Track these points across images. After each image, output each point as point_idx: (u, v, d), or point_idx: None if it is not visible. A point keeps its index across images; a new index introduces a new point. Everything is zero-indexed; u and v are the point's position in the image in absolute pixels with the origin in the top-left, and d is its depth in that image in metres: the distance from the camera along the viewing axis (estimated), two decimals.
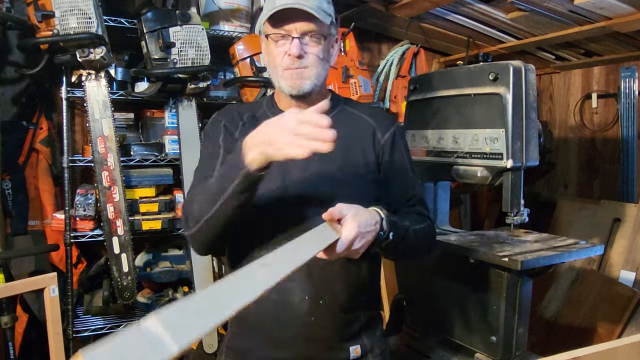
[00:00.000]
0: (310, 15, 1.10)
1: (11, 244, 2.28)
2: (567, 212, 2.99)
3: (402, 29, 2.94)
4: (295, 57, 1.12)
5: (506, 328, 1.61)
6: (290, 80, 1.14)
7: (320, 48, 1.15)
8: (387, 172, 1.22)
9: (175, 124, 2.42)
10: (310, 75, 1.15)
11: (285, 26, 1.12)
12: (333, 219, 0.97)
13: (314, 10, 1.10)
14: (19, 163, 2.34)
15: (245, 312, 1.18)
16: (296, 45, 1.11)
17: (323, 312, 1.15)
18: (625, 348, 0.85)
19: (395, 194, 1.23)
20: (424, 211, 1.25)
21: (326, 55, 1.18)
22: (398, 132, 1.26)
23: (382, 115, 1.32)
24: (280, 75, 1.16)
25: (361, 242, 0.98)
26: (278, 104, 1.26)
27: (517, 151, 1.57)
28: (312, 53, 1.14)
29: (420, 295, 1.94)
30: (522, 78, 1.57)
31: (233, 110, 1.27)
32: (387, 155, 1.23)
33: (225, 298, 0.71)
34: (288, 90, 1.16)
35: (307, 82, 1.15)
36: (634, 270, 2.50)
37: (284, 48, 1.13)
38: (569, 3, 2.22)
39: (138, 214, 2.31)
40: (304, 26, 1.11)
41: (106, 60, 2.10)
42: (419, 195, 1.26)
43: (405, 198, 1.24)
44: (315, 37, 1.13)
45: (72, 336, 2.23)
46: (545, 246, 1.64)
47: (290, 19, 1.11)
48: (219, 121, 1.24)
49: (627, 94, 2.83)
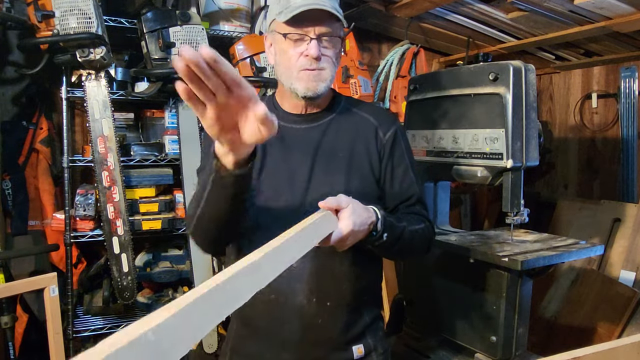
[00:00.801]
0: (327, 17, 1.10)
1: (11, 244, 2.28)
2: (567, 212, 2.99)
3: (402, 29, 2.94)
4: (313, 59, 1.11)
5: (506, 328, 1.61)
6: (307, 82, 1.13)
7: (335, 51, 1.15)
8: (387, 170, 1.22)
9: (175, 124, 2.42)
10: (326, 77, 1.14)
11: (304, 27, 1.11)
12: (330, 208, 0.97)
13: (334, 11, 1.10)
14: (19, 163, 2.34)
15: (252, 315, 1.20)
16: (315, 46, 1.10)
17: (330, 313, 1.15)
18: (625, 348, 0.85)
19: (395, 192, 1.23)
20: (423, 211, 1.25)
21: (338, 57, 1.18)
22: (400, 131, 1.26)
23: (384, 114, 1.32)
24: (295, 76, 1.14)
25: (352, 239, 0.99)
26: (281, 104, 1.25)
27: (517, 151, 1.57)
28: (327, 55, 1.13)
29: (420, 295, 1.94)
30: (522, 78, 1.57)
31: None
32: (388, 154, 1.23)
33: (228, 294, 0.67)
34: (303, 92, 1.14)
35: (322, 85, 1.14)
36: (634, 270, 2.50)
37: (301, 49, 1.12)
38: (569, 3, 2.22)
39: (138, 214, 2.31)
40: (322, 28, 1.11)
41: (106, 60, 2.10)
42: (419, 195, 1.25)
43: (404, 197, 1.23)
44: (331, 39, 1.13)
45: (72, 336, 2.23)
46: (545, 246, 1.64)
47: (309, 20, 1.10)
48: None
49: (627, 94, 2.83)
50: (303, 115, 1.22)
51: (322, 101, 1.23)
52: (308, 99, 1.17)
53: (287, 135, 1.20)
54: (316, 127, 1.21)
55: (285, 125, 1.22)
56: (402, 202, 1.23)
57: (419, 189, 1.26)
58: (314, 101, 1.19)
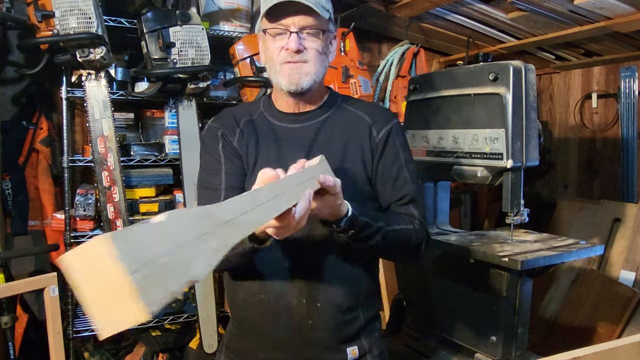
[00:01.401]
0: (308, 9, 1.08)
1: (11, 244, 2.28)
2: (567, 212, 2.99)
3: (402, 29, 2.94)
4: (293, 52, 1.10)
5: (506, 328, 1.61)
6: (289, 75, 1.12)
7: (320, 43, 1.12)
8: (379, 169, 1.20)
9: (175, 124, 2.42)
10: (309, 71, 1.12)
11: (283, 21, 1.10)
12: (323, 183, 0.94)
13: (312, 4, 1.08)
14: (19, 163, 2.34)
15: (244, 313, 1.20)
16: (294, 39, 1.09)
17: (321, 314, 1.14)
18: (625, 348, 0.85)
19: (387, 192, 1.20)
20: (414, 212, 1.19)
21: (325, 50, 1.15)
22: (395, 128, 1.22)
23: (380, 111, 1.27)
24: (279, 70, 1.13)
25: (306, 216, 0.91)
26: (275, 103, 1.24)
27: (517, 151, 1.57)
28: (311, 47, 1.11)
29: (420, 295, 1.94)
30: (522, 78, 1.57)
31: (229, 115, 1.25)
32: (380, 152, 1.20)
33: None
34: (286, 86, 1.13)
35: (306, 79, 1.12)
36: (634, 270, 2.50)
37: (282, 43, 1.11)
38: (569, 3, 2.22)
39: (138, 214, 2.32)
40: (302, 20, 1.09)
41: (106, 60, 2.10)
42: (413, 195, 1.20)
43: (396, 197, 1.20)
44: (314, 32, 1.11)
45: (72, 336, 2.23)
46: (545, 246, 1.64)
47: (288, 14, 1.09)
48: (216, 129, 1.22)
49: (627, 94, 2.83)
50: (296, 114, 1.21)
51: (314, 99, 1.21)
52: (294, 94, 1.15)
53: (281, 134, 1.20)
54: (310, 126, 1.20)
55: (279, 125, 1.21)
56: (395, 202, 1.20)
57: (414, 188, 1.21)
58: (302, 97, 1.17)
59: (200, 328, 2.35)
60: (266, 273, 1.16)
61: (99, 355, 2.38)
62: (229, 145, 1.20)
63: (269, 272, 1.15)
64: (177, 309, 2.41)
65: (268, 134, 1.20)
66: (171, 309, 2.40)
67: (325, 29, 1.14)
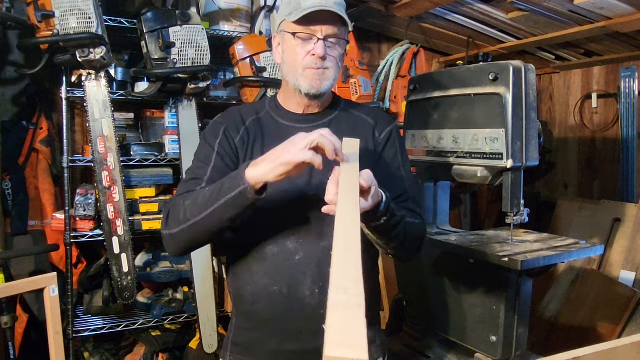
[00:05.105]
0: (335, 20, 1.16)
1: (11, 244, 2.28)
2: (567, 212, 2.99)
3: (402, 29, 2.94)
4: (319, 58, 1.16)
5: (506, 328, 1.61)
6: (312, 80, 1.18)
7: (340, 52, 1.21)
8: (380, 168, 1.24)
9: (175, 124, 2.41)
10: (329, 77, 1.20)
11: (312, 27, 1.16)
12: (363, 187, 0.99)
13: (343, 15, 1.15)
14: (19, 163, 2.34)
15: (254, 308, 1.22)
16: (322, 46, 1.16)
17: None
18: (625, 348, 0.85)
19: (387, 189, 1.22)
20: (416, 209, 1.26)
21: (342, 59, 1.23)
22: (395, 130, 1.31)
23: (381, 114, 1.37)
24: (300, 74, 1.19)
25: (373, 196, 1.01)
26: (284, 104, 1.29)
27: (517, 151, 1.57)
28: (333, 56, 1.19)
29: (420, 295, 1.94)
30: (522, 78, 1.57)
31: (236, 113, 1.29)
32: (381, 151, 1.28)
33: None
34: (307, 89, 1.19)
35: (326, 84, 1.20)
36: (634, 270, 2.50)
37: (308, 48, 1.17)
38: (569, 3, 2.22)
39: (138, 214, 2.31)
40: (330, 29, 1.17)
41: (106, 60, 2.10)
42: (412, 193, 1.27)
43: (396, 194, 1.24)
44: (336, 41, 1.19)
45: (72, 336, 2.23)
46: (545, 246, 1.63)
47: (318, 21, 1.15)
48: (220, 124, 1.26)
49: (627, 94, 2.83)
50: (304, 115, 1.27)
51: (324, 101, 1.28)
52: (311, 96, 1.21)
53: (289, 134, 1.20)
54: (317, 127, 1.21)
55: (287, 124, 1.26)
56: (395, 198, 1.23)
57: (412, 187, 1.29)
58: (317, 100, 1.24)
59: (200, 328, 2.35)
60: (278, 265, 1.18)
61: (99, 355, 2.38)
62: (229, 141, 1.23)
63: (281, 264, 1.18)
64: (177, 309, 2.41)
65: (275, 133, 1.24)
66: (171, 309, 2.40)
67: (346, 39, 1.22)
